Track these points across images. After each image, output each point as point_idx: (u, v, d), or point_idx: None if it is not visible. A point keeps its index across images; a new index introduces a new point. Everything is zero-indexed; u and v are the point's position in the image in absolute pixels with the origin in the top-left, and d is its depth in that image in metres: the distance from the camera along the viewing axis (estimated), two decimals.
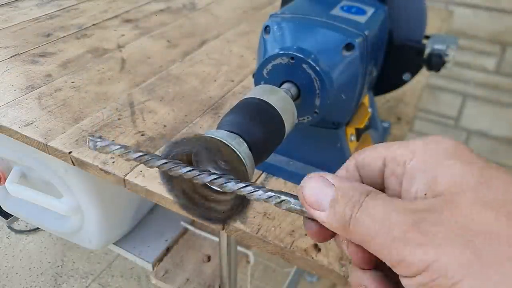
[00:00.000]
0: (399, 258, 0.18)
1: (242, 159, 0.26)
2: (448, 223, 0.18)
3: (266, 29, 0.43)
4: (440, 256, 0.17)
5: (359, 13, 0.44)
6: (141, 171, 0.51)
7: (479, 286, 0.16)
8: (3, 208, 0.93)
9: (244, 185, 0.24)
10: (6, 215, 1.15)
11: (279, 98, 0.33)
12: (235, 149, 0.26)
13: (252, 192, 0.23)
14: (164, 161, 0.25)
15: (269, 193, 0.23)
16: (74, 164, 0.55)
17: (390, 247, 0.18)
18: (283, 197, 0.23)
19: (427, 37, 0.52)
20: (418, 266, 0.17)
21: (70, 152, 0.54)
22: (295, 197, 0.23)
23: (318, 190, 0.22)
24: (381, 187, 0.23)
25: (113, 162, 0.52)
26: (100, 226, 0.79)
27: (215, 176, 0.24)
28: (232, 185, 0.24)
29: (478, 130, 1.67)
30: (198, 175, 0.24)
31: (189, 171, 0.24)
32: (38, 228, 1.46)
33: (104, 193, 0.76)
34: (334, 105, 0.41)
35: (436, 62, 0.50)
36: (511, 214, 0.17)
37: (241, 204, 0.26)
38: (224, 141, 0.26)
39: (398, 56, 0.51)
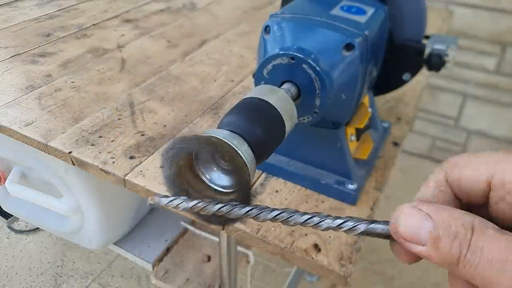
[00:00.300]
0: None
1: (244, 158, 0.26)
2: None
3: (266, 29, 0.43)
4: None
5: (359, 13, 0.44)
6: (141, 171, 0.51)
7: None
8: (3, 208, 0.92)
9: (310, 216, 0.23)
10: (6, 215, 1.15)
11: (279, 98, 0.33)
12: (236, 148, 0.26)
13: (320, 222, 0.23)
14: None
15: (338, 221, 0.22)
16: (74, 164, 0.55)
17: None
18: (356, 223, 0.22)
19: (427, 37, 0.52)
20: None
21: (70, 152, 0.54)
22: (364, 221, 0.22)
23: (414, 223, 0.20)
24: (483, 204, 0.21)
25: (113, 162, 0.52)
26: (100, 226, 0.79)
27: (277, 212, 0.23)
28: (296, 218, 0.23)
29: (478, 130, 1.67)
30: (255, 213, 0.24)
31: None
32: (38, 228, 1.46)
33: (104, 193, 0.76)
34: (334, 105, 0.41)
35: (436, 62, 0.50)
36: None
37: (242, 204, 0.26)
38: (226, 140, 0.26)
39: (398, 56, 0.51)
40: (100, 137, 0.57)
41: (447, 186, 0.21)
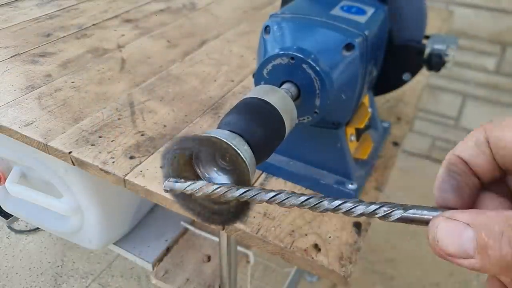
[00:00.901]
0: None
1: (244, 158, 0.26)
2: None
3: (266, 29, 0.43)
4: None
5: (359, 13, 0.44)
6: (141, 171, 0.51)
7: None
8: (3, 208, 0.92)
9: (341, 202, 0.22)
10: (6, 215, 1.15)
11: (279, 98, 0.33)
12: (236, 148, 0.26)
13: (353, 208, 0.21)
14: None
15: (373, 206, 0.21)
16: (74, 164, 0.55)
17: None
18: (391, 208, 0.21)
19: (427, 37, 0.52)
20: None
21: (70, 152, 0.54)
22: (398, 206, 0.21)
23: (454, 237, 0.18)
24: None
25: (113, 162, 0.52)
26: (100, 226, 0.79)
27: (305, 198, 0.22)
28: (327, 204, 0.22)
29: None
30: (285, 198, 0.23)
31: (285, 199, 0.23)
32: (38, 228, 1.46)
33: (104, 193, 0.76)
34: (334, 105, 0.41)
35: (436, 62, 0.50)
36: None
37: (244, 204, 0.26)
38: (225, 140, 0.26)
39: (398, 56, 0.51)
40: (100, 137, 0.57)
41: (487, 147, 0.20)
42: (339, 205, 0.22)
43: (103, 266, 1.37)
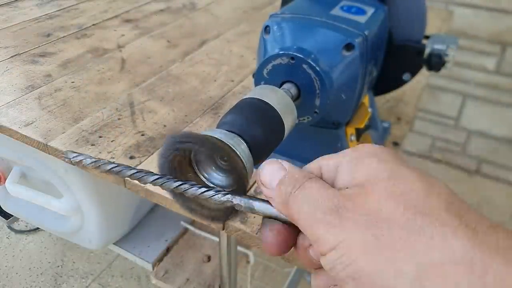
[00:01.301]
0: (317, 236, 0.21)
1: (241, 157, 0.26)
2: (359, 209, 0.20)
3: (266, 29, 0.43)
4: (347, 237, 0.20)
5: (359, 13, 0.44)
6: None
7: (373, 261, 0.19)
8: (3, 208, 0.93)
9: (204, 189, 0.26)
10: (6, 215, 1.15)
11: (279, 98, 0.33)
12: (233, 148, 0.26)
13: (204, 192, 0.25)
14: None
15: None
16: (74, 164, 0.55)
17: (313, 225, 0.21)
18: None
19: (427, 37, 0.52)
20: (329, 244, 0.20)
21: None
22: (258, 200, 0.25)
23: (272, 171, 0.24)
24: None
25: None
26: (100, 226, 0.79)
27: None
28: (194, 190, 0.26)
29: (478, 130, 1.66)
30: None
31: (156, 179, 0.27)
32: (38, 228, 1.46)
33: (104, 193, 0.76)
34: (334, 105, 0.41)
35: (436, 62, 0.50)
36: (408, 203, 0.20)
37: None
38: (223, 140, 0.26)
39: (398, 56, 0.51)
40: (100, 137, 0.57)
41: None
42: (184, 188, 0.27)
43: (103, 266, 1.37)
